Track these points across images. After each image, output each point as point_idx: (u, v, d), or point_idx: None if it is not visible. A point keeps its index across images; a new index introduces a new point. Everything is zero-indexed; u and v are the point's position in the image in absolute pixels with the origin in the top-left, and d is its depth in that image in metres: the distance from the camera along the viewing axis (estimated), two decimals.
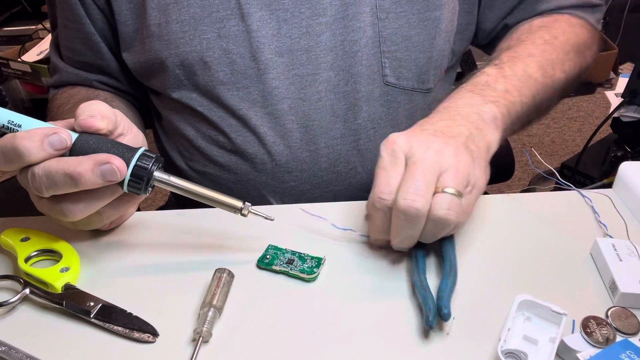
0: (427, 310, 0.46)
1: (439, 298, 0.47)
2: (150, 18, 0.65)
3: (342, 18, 0.65)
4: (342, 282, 0.51)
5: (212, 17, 0.64)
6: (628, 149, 1.26)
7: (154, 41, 0.65)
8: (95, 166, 0.45)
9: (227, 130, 0.69)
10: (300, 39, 0.65)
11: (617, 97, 1.25)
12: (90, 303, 0.48)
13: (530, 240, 0.55)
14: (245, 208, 0.49)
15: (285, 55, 0.66)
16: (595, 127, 1.18)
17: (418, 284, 0.49)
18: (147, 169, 0.47)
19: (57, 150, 0.45)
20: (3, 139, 0.45)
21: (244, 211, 0.49)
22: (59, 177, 0.45)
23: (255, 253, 0.54)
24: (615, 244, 0.52)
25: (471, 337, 0.46)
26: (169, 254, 0.55)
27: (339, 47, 0.66)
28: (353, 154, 0.71)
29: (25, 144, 0.44)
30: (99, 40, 0.71)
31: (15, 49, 2.07)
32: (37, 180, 0.45)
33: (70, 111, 0.67)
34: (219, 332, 0.47)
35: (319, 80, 0.67)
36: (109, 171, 0.45)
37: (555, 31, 0.69)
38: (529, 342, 0.44)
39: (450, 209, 0.47)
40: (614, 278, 0.48)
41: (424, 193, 0.47)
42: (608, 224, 0.56)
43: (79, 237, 0.56)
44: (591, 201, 0.60)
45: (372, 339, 0.46)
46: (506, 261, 0.53)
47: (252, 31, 0.64)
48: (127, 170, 0.46)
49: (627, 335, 0.45)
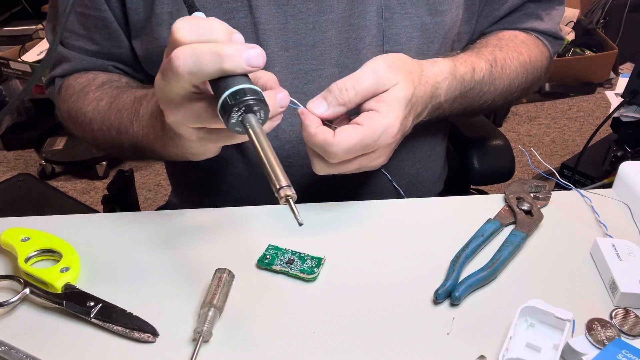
0: (441, 285, 0.48)
1: (461, 282, 0.49)
2: (163, 6, 0.65)
3: (349, 16, 0.66)
4: (342, 282, 0.51)
5: (222, 7, 0.64)
6: (628, 149, 1.26)
7: (164, 29, 0.66)
8: (243, 49, 0.44)
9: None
10: (307, 35, 0.66)
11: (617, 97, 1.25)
12: (90, 303, 0.48)
13: (529, 240, 0.55)
14: (283, 191, 0.42)
15: (290, 50, 0.66)
16: (595, 127, 1.18)
17: (454, 259, 0.51)
18: (243, 100, 0.44)
19: (252, 67, 0.45)
20: (202, 44, 0.45)
21: (280, 193, 0.43)
22: (206, 56, 0.44)
23: (255, 253, 0.54)
24: (615, 244, 0.52)
25: (471, 338, 0.46)
26: (169, 254, 0.55)
27: (344, 44, 0.67)
28: None
29: (228, 50, 0.44)
30: (118, 27, 0.70)
31: (15, 49, 2.07)
32: (181, 59, 0.44)
33: (96, 92, 0.66)
34: (219, 332, 0.47)
35: (322, 76, 0.67)
36: (255, 55, 0.44)
37: (532, 54, 0.75)
38: (532, 350, 0.44)
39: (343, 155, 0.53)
40: (614, 278, 0.48)
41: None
42: (608, 224, 0.56)
43: (79, 237, 0.56)
44: (591, 201, 0.60)
45: (372, 339, 0.46)
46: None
47: (259, 24, 0.65)
48: (231, 89, 0.44)
49: (630, 336, 0.45)
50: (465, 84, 0.64)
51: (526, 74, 0.73)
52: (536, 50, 0.76)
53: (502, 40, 0.73)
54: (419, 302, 0.49)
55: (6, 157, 2.24)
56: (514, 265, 0.53)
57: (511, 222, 0.57)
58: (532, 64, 0.74)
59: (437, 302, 0.48)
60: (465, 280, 0.49)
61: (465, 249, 0.52)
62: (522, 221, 0.56)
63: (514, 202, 0.58)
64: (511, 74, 0.70)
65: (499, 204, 0.60)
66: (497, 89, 0.69)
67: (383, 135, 0.54)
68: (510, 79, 0.70)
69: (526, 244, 0.55)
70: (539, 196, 0.60)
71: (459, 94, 0.64)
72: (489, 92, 0.68)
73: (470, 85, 0.65)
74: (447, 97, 0.62)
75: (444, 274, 0.51)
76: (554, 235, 0.56)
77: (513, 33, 0.76)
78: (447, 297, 0.49)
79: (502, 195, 0.61)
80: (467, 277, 0.49)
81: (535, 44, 0.77)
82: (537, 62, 0.75)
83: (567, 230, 0.57)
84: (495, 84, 0.68)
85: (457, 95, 0.64)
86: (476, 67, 0.66)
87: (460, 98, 0.65)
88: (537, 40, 0.78)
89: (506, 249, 0.52)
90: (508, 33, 0.76)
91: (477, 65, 0.66)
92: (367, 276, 0.52)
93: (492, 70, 0.68)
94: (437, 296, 0.48)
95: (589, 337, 0.44)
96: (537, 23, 0.78)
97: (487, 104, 0.70)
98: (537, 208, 0.57)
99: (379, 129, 0.53)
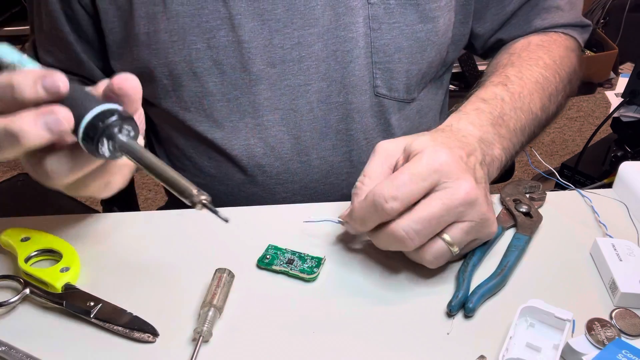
0: (454, 296, 0.47)
1: (473, 292, 0.48)
2: (139, 27, 0.63)
3: (335, 28, 0.64)
4: (342, 282, 0.51)
5: (201, 27, 0.63)
6: (628, 149, 1.26)
7: (142, 50, 0.64)
8: (38, 117, 0.39)
9: (217, 142, 0.68)
10: (292, 50, 0.64)
11: (617, 97, 1.25)
12: (90, 303, 0.48)
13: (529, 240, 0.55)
14: (197, 196, 0.40)
15: (277, 66, 0.65)
16: (595, 127, 1.19)
17: (463, 269, 0.50)
18: (105, 125, 0.39)
19: (49, 93, 0.40)
20: (1, 75, 0.41)
21: (194, 199, 0.40)
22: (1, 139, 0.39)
23: (255, 253, 0.54)
24: (615, 244, 0.52)
25: (471, 338, 0.46)
26: (169, 254, 0.55)
27: (331, 58, 0.65)
28: (345, 165, 0.71)
29: (19, 79, 0.40)
30: (78, 50, 0.69)
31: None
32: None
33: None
34: (219, 332, 0.47)
35: (310, 91, 0.66)
36: (53, 121, 0.39)
37: (553, 54, 0.69)
38: (532, 350, 0.44)
39: (434, 260, 0.47)
40: (614, 278, 0.48)
41: (404, 196, 0.45)
42: (608, 223, 0.56)
43: (79, 237, 0.56)
44: (591, 201, 0.60)
45: (371, 339, 0.46)
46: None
47: (243, 42, 0.63)
48: (83, 122, 0.40)
49: (630, 336, 0.45)
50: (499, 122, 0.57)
51: (555, 74, 0.67)
52: (559, 48, 0.70)
53: (513, 55, 0.68)
54: (419, 302, 0.49)
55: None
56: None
57: (511, 226, 0.56)
58: (560, 62, 0.68)
59: (451, 314, 0.47)
60: (476, 290, 0.48)
61: (472, 257, 0.51)
62: (522, 224, 0.56)
63: (511, 205, 0.58)
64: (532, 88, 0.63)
65: (496, 208, 0.60)
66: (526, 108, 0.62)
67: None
68: (536, 95, 0.63)
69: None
70: (534, 197, 0.59)
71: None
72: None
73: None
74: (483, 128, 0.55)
75: (445, 273, 0.51)
76: (553, 236, 0.56)
77: (526, 40, 0.71)
78: (461, 309, 0.47)
79: (497, 196, 0.60)
80: (478, 286, 0.48)
81: (556, 42, 0.71)
82: (565, 73, 0.68)
83: (566, 230, 0.57)
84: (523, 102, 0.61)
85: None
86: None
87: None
88: (558, 36, 0.72)
89: (512, 254, 0.52)
90: (520, 44, 0.71)
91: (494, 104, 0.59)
92: (367, 276, 0.52)
93: (509, 88, 0.61)
94: (451, 308, 0.47)
95: (589, 337, 0.44)
96: (558, 16, 0.73)
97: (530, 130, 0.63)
98: (535, 209, 0.57)
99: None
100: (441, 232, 0.47)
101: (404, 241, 0.46)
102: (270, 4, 0.62)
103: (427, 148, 0.47)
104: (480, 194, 0.47)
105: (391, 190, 0.45)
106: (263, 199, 0.71)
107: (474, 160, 0.50)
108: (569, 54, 0.71)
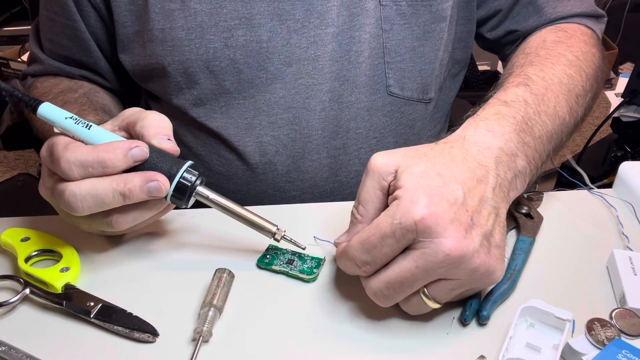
0: (467, 305, 0.47)
1: (485, 299, 0.47)
2: (153, 22, 0.64)
3: (349, 29, 0.65)
4: (342, 282, 0.51)
5: (219, 26, 0.63)
6: (628, 149, 1.26)
7: (156, 46, 0.65)
8: (144, 183, 0.46)
9: (230, 139, 0.69)
10: (308, 49, 0.65)
11: (617, 97, 1.25)
12: (90, 303, 0.48)
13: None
14: (278, 233, 0.50)
15: (293, 65, 0.65)
16: (595, 127, 1.19)
17: None
18: (190, 184, 0.48)
19: (136, 161, 0.47)
20: (82, 151, 0.46)
21: (277, 236, 0.50)
22: (108, 195, 0.46)
23: (255, 253, 0.54)
24: (633, 257, 0.50)
25: (471, 338, 0.46)
26: (169, 254, 0.55)
27: (344, 58, 0.66)
28: (355, 163, 0.71)
29: (108, 156, 0.46)
30: (89, 38, 0.70)
31: (15, 49, 2.07)
32: (79, 200, 0.46)
33: (53, 101, 0.68)
34: (219, 332, 0.47)
35: (323, 90, 0.67)
36: (155, 188, 0.46)
37: (574, 49, 0.62)
38: (532, 350, 0.44)
39: (413, 312, 0.46)
40: (624, 292, 0.47)
41: (375, 260, 0.43)
42: (608, 223, 0.56)
43: (78, 237, 0.56)
44: (617, 210, 0.59)
45: (371, 339, 0.46)
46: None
47: (262, 41, 0.64)
48: (172, 184, 0.47)
49: (630, 336, 0.45)
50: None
51: (580, 70, 0.61)
52: (579, 43, 0.64)
53: (530, 55, 0.62)
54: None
55: (6, 157, 2.24)
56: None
57: (513, 227, 0.56)
58: (583, 58, 0.62)
59: (465, 323, 0.46)
60: (488, 296, 0.47)
61: None
62: (524, 225, 0.55)
63: (511, 207, 0.57)
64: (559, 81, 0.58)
65: None
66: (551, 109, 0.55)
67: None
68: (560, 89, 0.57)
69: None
70: (532, 197, 0.59)
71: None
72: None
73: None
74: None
75: None
76: (552, 236, 0.56)
77: (540, 38, 0.66)
78: (475, 317, 0.47)
79: None
80: (489, 293, 0.48)
81: (574, 36, 0.65)
82: (591, 70, 0.63)
83: (565, 230, 0.57)
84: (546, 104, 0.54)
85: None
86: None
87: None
88: (574, 29, 0.67)
89: (519, 257, 0.51)
90: (534, 42, 0.66)
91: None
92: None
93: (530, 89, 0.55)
94: (465, 317, 0.46)
95: (589, 337, 0.44)
96: (570, 4, 0.69)
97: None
98: (534, 209, 0.57)
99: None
100: (422, 287, 0.43)
101: (376, 301, 0.45)
102: (290, 5, 0.63)
103: (406, 193, 0.42)
104: (471, 246, 0.40)
105: (361, 255, 0.43)
106: (272, 196, 0.71)
107: (482, 190, 0.43)
108: (591, 49, 0.64)
